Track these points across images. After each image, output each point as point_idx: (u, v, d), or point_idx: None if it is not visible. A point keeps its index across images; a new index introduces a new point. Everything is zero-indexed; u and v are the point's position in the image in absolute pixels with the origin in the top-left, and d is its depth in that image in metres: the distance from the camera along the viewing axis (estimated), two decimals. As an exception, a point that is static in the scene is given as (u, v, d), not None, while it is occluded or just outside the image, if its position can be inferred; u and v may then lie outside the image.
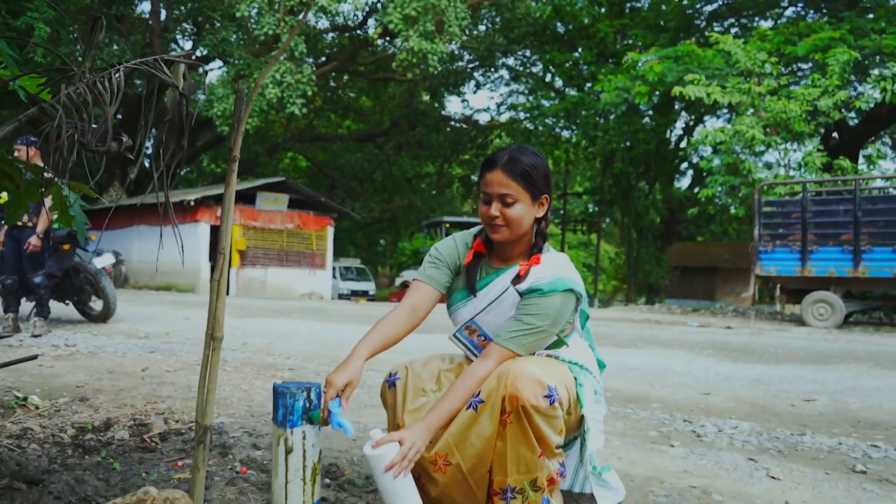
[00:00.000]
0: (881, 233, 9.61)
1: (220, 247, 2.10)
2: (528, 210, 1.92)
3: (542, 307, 1.91)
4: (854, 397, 4.13)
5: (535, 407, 1.78)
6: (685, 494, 2.26)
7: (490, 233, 1.98)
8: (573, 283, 1.94)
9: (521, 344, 1.92)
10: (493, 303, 2.01)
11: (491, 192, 1.92)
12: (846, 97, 12.49)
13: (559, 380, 1.86)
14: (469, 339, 2.11)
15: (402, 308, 2.06)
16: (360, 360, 1.92)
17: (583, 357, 2.08)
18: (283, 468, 1.82)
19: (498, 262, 2.08)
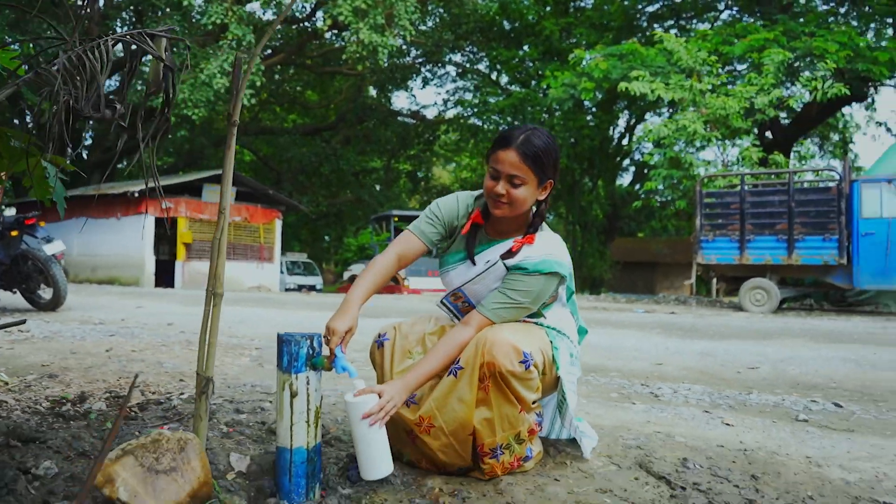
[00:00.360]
0: (812, 222, 10.19)
1: (221, 206, 2.20)
2: (532, 192, 2.01)
3: (525, 285, 2.04)
4: (792, 365, 4.45)
5: (512, 372, 1.94)
6: (651, 438, 2.46)
7: (491, 207, 2.05)
8: (559, 266, 2.06)
9: (501, 316, 2.06)
10: (482, 274, 2.13)
11: (500, 170, 1.96)
12: (780, 95, 13.13)
13: (535, 345, 2.02)
14: (454, 304, 2.24)
15: (388, 256, 2.15)
16: (356, 308, 2.04)
17: (562, 323, 2.24)
18: (289, 411, 1.94)
19: (493, 234, 2.18)
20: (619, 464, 2.25)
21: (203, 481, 1.83)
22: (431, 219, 2.20)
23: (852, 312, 10.49)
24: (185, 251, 17.95)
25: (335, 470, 2.17)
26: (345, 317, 2.00)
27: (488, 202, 2.06)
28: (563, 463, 2.25)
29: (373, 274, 2.11)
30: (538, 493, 1.99)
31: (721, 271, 11.21)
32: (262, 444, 2.38)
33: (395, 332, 2.28)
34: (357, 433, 1.92)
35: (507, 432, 2.03)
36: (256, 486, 2.04)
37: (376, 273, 2.11)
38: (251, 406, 3.02)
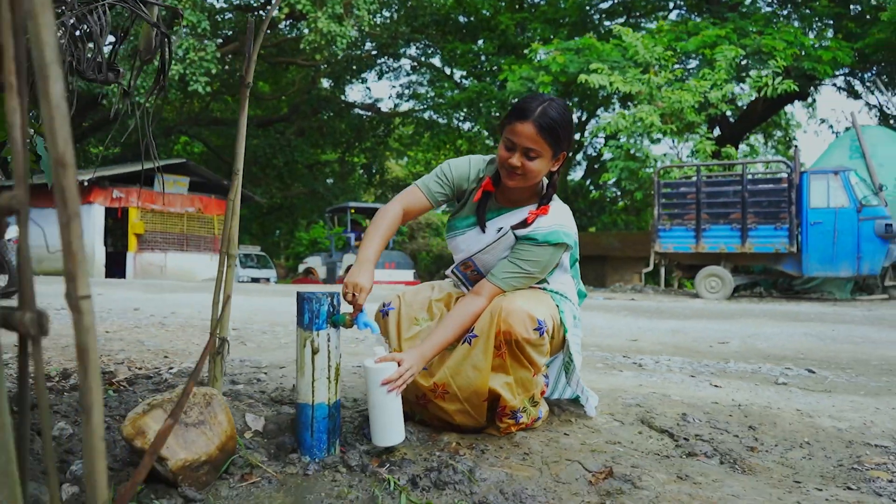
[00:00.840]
0: (764, 212, 10.57)
1: (235, 168, 2.21)
2: (546, 164, 2.02)
3: (535, 255, 2.08)
4: (759, 340, 4.65)
5: (527, 339, 2.00)
6: (648, 397, 2.56)
7: (505, 178, 2.06)
8: (567, 237, 2.11)
9: (511, 285, 2.11)
10: (493, 244, 2.16)
11: (517, 142, 1.95)
12: (732, 90, 13.56)
13: (546, 311, 2.09)
14: (464, 273, 2.29)
15: (394, 208, 2.16)
16: (373, 265, 2.07)
17: (564, 287, 2.31)
18: (310, 368, 1.96)
19: (503, 202, 2.20)
20: (621, 420, 2.34)
21: (230, 435, 1.84)
22: (441, 179, 2.21)
23: (800, 299, 10.94)
24: (136, 242, 17.51)
25: (350, 428, 2.20)
26: (367, 273, 2.02)
27: (501, 172, 2.08)
28: (568, 420, 2.33)
29: (381, 229, 2.11)
30: (553, 444, 2.06)
31: (678, 259, 11.54)
32: (271, 406, 2.39)
33: (400, 300, 2.32)
34: (374, 399, 1.96)
35: (523, 395, 2.10)
36: (277, 443, 2.06)
37: (385, 227, 2.11)
38: (246, 378, 3.02)
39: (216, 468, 1.80)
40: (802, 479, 1.80)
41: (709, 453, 2.00)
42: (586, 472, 1.84)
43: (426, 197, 2.19)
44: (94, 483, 0.63)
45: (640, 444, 2.10)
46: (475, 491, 1.74)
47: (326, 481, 1.83)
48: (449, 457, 1.95)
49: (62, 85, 0.63)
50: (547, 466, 1.89)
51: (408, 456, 2.01)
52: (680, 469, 1.85)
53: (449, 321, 2.09)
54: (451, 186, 2.22)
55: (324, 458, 1.95)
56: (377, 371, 1.94)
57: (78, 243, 0.59)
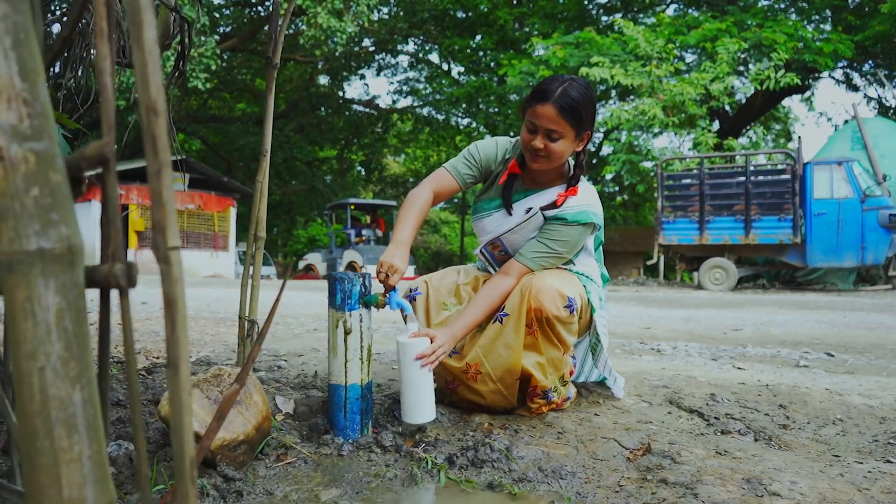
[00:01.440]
0: (768, 203, 10.57)
1: (263, 149, 2.19)
2: (570, 145, 2.01)
3: (564, 234, 2.08)
4: (773, 327, 4.65)
5: (558, 317, 1.99)
6: (675, 379, 2.56)
7: (529, 161, 2.06)
8: (596, 217, 2.11)
9: (540, 265, 2.10)
10: (521, 224, 2.15)
11: (539, 125, 1.95)
12: (734, 82, 13.55)
13: (575, 290, 2.08)
14: (491, 253, 2.27)
15: (425, 191, 2.16)
16: (408, 247, 2.06)
17: (589, 269, 2.31)
18: (343, 348, 1.95)
19: (529, 183, 2.20)
20: (649, 401, 2.34)
21: (265, 415, 1.83)
22: (469, 160, 2.21)
23: (804, 290, 10.95)
24: (137, 239, 17.47)
25: (381, 410, 2.19)
26: (402, 255, 2.01)
27: (525, 155, 2.07)
28: (596, 402, 2.33)
29: (414, 211, 2.11)
30: (585, 424, 2.06)
31: (681, 251, 11.53)
32: (299, 391, 2.38)
33: (427, 285, 2.31)
34: (406, 375, 1.94)
35: (554, 375, 2.09)
36: (309, 425, 2.05)
37: (417, 209, 2.11)
38: (266, 366, 3.01)
39: (252, 448, 1.79)
40: (840, 453, 1.80)
41: (742, 431, 2.00)
42: (623, 450, 1.83)
43: (455, 178, 2.19)
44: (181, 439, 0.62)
45: (672, 424, 2.10)
46: (514, 468, 1.74)
47: (362, 461, 1.82)
48: (484, 436, 1.95)
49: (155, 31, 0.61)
50: (583, 444, 1.89)
51: (441, 436, 2.00)
52: (717, 445, 1.84)
53: (479, 300, 2.08)
54: (478, 168, 2.22)
55: (357, 439, 1.95)
56: (410, 346, 1.93)
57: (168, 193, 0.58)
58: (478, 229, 2.32)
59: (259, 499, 1.61)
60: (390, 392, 2.41)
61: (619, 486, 1.63)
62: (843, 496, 1.48)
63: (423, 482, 1.70)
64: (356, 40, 23.51)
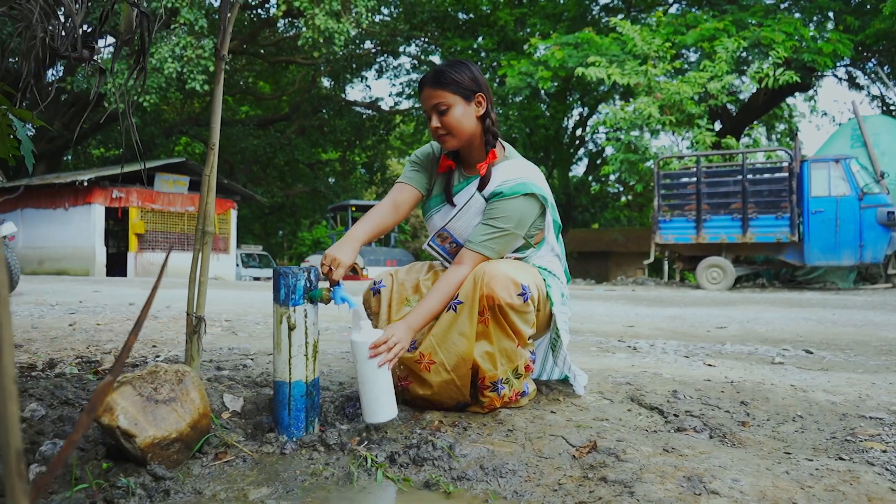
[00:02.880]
0: (765, 201, 10.48)
1: (211, 142, 2.15)
2: (465, 112, 2.03)
3: (505, 210, 2.05)
4: (758, 324, 4.59)
5: (511, 305, 1.95)
6: (639, 376, 2.50)
7: (442, 145, 2.10)
8: (535, 188, 2.08)
9: (491, 248, 2.06)
10: (462, 210, 2.13)
11: (426, 108, 2.04)
12: (732, 81, 13.45)
13: (530, 279, 2.04)
14: (442, 246, 2.23)
15: (385, 204, 2.18)
16: (357, 243, 2.02)
17: (551, 265, 2.27)
18: (287, 344, 1.91)
19: (467, 171, 2.20)
20: (611, 398, 2.28)
21: (203, 413, 1.79)
22: (414, 165, 2.24)
23: (803, 289, 10.84)
24: (137, 242, 17.48)
25: (332, 408, 2.14)
26: (347, 249, 1.98)
27: (437, 143, 2.12)
28: (556, 399, 2.27)
29: (373, 217, 2.12)
30: (538, 421, 2.01)
31: (678, 250, 11.45)
32: (252, 388, 2.34)
33: (392, 279, 2.27)
34: (363, 374, 1.89)
35: (506, 366, 2.04)
36: (254, 423, 2.01)
37: (376, 217, 2.12)
38: (232, 364, 2.97)
39: (188, 446, 1.75)
40: (793, 450, 1.74)
41: (698, 428, 1.94)
42: (570, 447, 1.78)
43: (408, 184, 2.20)
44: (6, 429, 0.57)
45: (629, 421, 2.05)
46: (454, 466, 1.69)
47: (303, 459, 1.78)
48: (430, 434, 1.90)
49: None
50: (530, 442, 1.83)
51: (389, 434, 1.95)
52: (667, 443, 1.79)
53: (434, 291, 2.04)
54: (424, 168, 2.25)
55: (301, 437, 1.90)
56: (364, 345, 1.88)
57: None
58: (430, 228, 2.29)
59: (186, 498, 1.56)
60: (347, 391, 2.36)
61: (559, 485, 1.58)
62: (784, 494, 1.42)
63: (359, 481, 1.65)
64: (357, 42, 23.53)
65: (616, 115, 13.65)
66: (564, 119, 27.30)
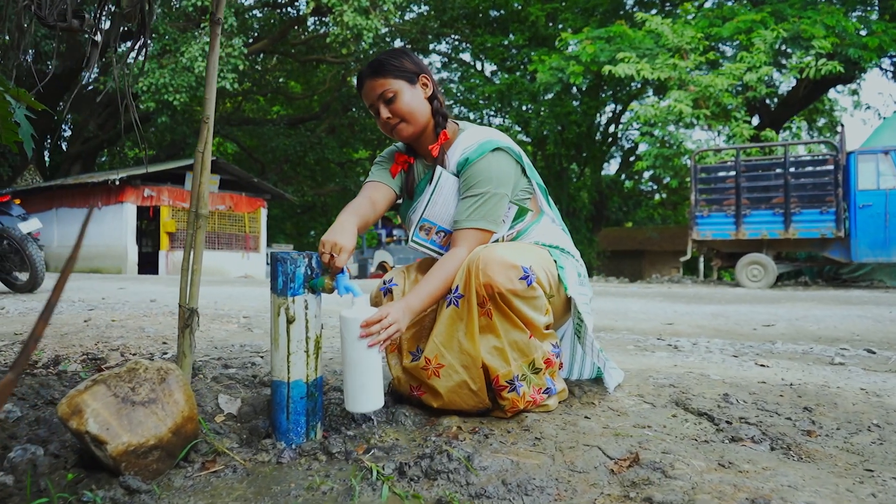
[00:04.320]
0: (809, 195, 10.02)
1: (205, 116, 1.95)
2: (413, 96, 1.88)
3: (479, 172, 1.86)
4: (809, 322, 4.26)
5: (513, 291, 1.71)
6: (684, 377, 2.24)
7: (396, 136, 1.93)
8: (499, 142, 1.89)
9: (481, 216, 1.84)
10: (434, 192, 1.93)
11: (372, 101, 1.88)
12: (770, 72, 12.94)
13: (532, 260, 1.79)
14: (429, 239, 2.00)
15: (362, 200, 1.96)
16: (354, 227, 1.81)
17: (560, 240, 2.02)
18: (285, 339, 1.69)
19: (429, 161, 2.02)
20: (652, 402, 2.03)
21: (187, 416, 1.58)
22: (380, 164, 2.09)
23: (850, 287, 10.35)
24: (168, 241, 17.55)
25: (336, 411, 1.92)
26: (347, 233, 1.76)
27: (392, 136, 1.95)
28: (590, 403, 2.02)
29: (355, 208, 1.91)
30: (570, 428, 1.76)
31: (717, 247, 11.01)
32: (254, 388, 2.13)
33: (403, 276, 2.05)
34: (350, 356, 1.66)
35: (519, 361, 1.80)
36: (250, 428, 1.79)
37: (358, 208, 1.91)
38: (241, 362, 2.77)
39: (170, 454, 1.54)
40: (875, 466, 1.47)
41: (757, 438, 1.68)
42: (607, 460, 1.53)
43: (381, 182, 2.04)
44: None
45: (674, 429, 1.79)
46: (472, 481, 1.45)
47: (300, 470, 1.56)
48: (445, 442, 1.67)
49: None
50: (561, 453, 1.59)
51: (399, 441, 1.73)
52: (721, 455, 1.53)
53: (434, 272, 1.82)
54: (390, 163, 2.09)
55: (301, 445, 1.68)
56: (355, 321, 1.64)
57: None
58: (410, 228, 2.07)
59: (160, 515, 1.35)
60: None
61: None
62: (874, 523, 1.16)
63: (361, 497, 1.43)
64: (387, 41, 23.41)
65: (648, 112, 13.22)
66: (597, 116, 26.84)
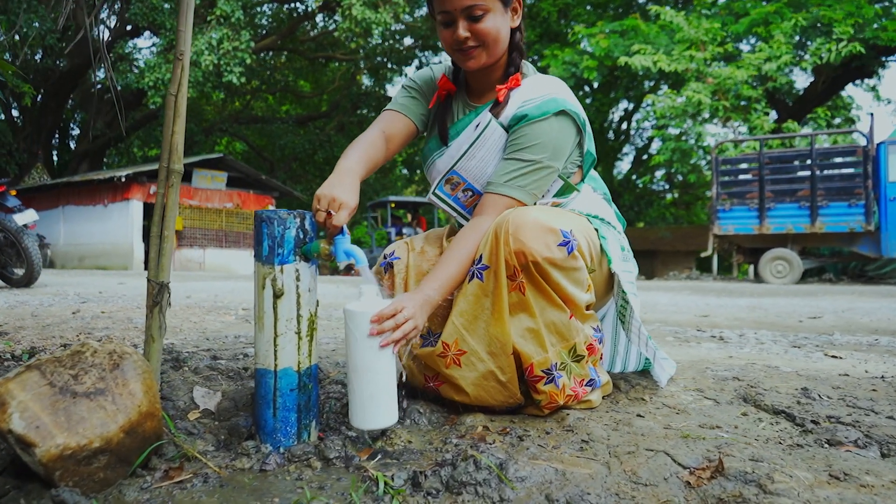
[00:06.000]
0: (837, 188, 9.61)
1: (178, 51, 1.62)
2: (502, 20, 1.50)
3: (535, 136, 1.50)
4: (858, 315, 3.90)
5: (550, 259, 1.38)
6: (748, 369, 1.90)
7: (462, 61, 1.55)
8: (566, 104, 1.53)
9: (521, 187, 1.51)
10: (475, 144, 1.57)
11: (452, 10, 1.47)
12: (790, 60, 12.51)
13: (573, 224, 1.47)
14: (453, 196, 1.65)
15: (373, 134, 1.62)
16: (357, 178, 1.48)
17: (601, 209, 1.69)
18: (272, 318, 1.36)
19: (474, 100, 1.67)
20: (715, 398, 1.68)
21: (146, 411, 1.25)
22: (408, 90, 1.71)
23: (878, 284, 9.92)
24: (175, 239, 17.32)
25: (337, 406, 1.59)
26: (347, 185, 1.43)
27: (456, 59, 1.57)
28: (640, 398, 1.69)
29: (361, 147, 1.57)
30: (623, 428, 1.42)
31: (739, 242, 10.60)
32: (239, 381, 1.81)
33: (407, 248, 1.71)
34: (357, 359, 1.31)
35: (558, 346, 1.47)
36: (229, 427, 1.47)
37: (364, 148, 1.57)
38: (231, 353, 2.46)
39: (123, 459, 1.22)
40: None
41: (860, 442, 1.33)
42: (680, 469, 1.20)
43: (402, 114, 1.67)
44: None
45: (749, 429, 1.45)
46: (507, 496, 1.12)
47: (289, 480, 1.23)
48: (471, 445, 1.34)
49: None
50: (617, 459, 1.25)
51: (413, 444, 1.40)
52: (829, 464, 1.19)
53: (453, 250, 1.49)
54: (421, 93, 1.71)
55: (291, 448, 1.36)
56: (362, 316, 1.31)
57: None
58: (432, 177, 1.72)
59: (100, 542, 1.03)
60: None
61: (675, 531, 1.00)
62: None
63: (364, 518, 1.10)
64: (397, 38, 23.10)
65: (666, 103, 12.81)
66: (609, 113, 26.42)
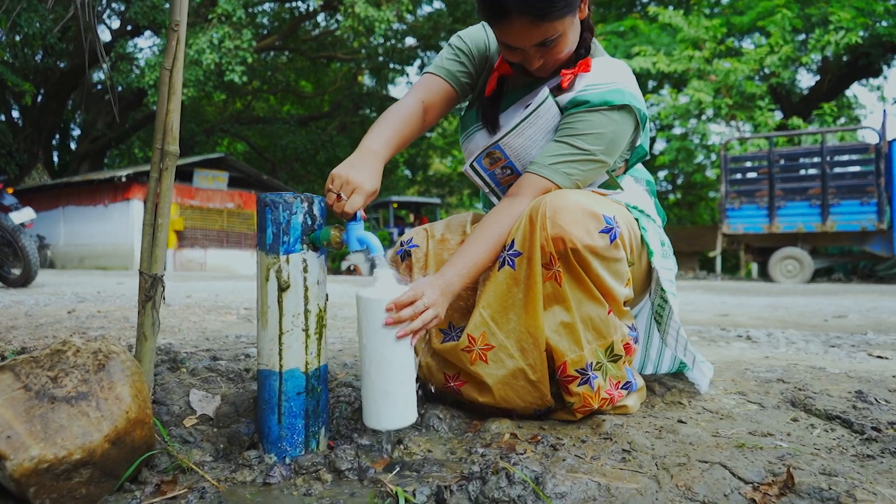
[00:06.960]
0: (848, 185, 9.45)
1: (173, 22, 1.49)
2: (574, 29, 1.34)
3: (593, 125, 1.35)
4: (885, 314, 3.75)
5: (591, 247, 1.24)
6: (791, 370, 1.75)
7: (536, 73, 1.42)
8: (630, 97, 1.37)
9: (567, 173, 1.35)
10: (527, 120, 1.40)
11: (519, 45, 1.32)
12: (790, 52, 12.35)
13: (616, 211, 1.33)
14: (490, 171, 1.49)
15: (409, 100, 1.47)
16: (380, 161, 1.33)
17: (641, 200, 1.54)
18: (276, 313, 1.22)
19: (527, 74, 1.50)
20: (759, 402, 1.54)
21: (134, 418, 1.11)
22: (456, 52, 1.53)
23: (889, 284, 9.76)
24: (176, 239, 17.17)
25: (348, 412, 1.45)
26: (367, 167, 1.28)
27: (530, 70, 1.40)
28: (677, 402, 1.54)
29: (392, 117, 1.42)
30: (667, 436, 1.28)
31: (748, 241, 10.44)
32: (239, 384, 1.66)
33: (426, 235, 1.56)
34: (371, 351, 1.18)
35: (594, 343, 1.32)
36: (229, 435, 1.32)
37: (397, 116, 1.42)
38: (232, 354, 2.31)
39: (109, 473, 1.07)
40: None
41: (938, 452, 1.19)
42: (741, 483, 1.05)
43: (443, 78, 1.50)
44: None
45: (804, 437, 1.30)
46: (547, 516, 0.98)
47: (296, 495, 1.09)
48: (500, 456, 1.19)
49: None
50: (666, 472, 1.11)
51: (433, 454, 1.26)
52: (912, 478, 1.04)
53: (479, 233, 1.34)
54: (470, 59, 1.53)
55: (298, 458, 1.22)
56: (377, 303, 1.17)
57: None
58: (470, 150, 1.57)
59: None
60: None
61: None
62: None
63: (383, 541, 0.95)
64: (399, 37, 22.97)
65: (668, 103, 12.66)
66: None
